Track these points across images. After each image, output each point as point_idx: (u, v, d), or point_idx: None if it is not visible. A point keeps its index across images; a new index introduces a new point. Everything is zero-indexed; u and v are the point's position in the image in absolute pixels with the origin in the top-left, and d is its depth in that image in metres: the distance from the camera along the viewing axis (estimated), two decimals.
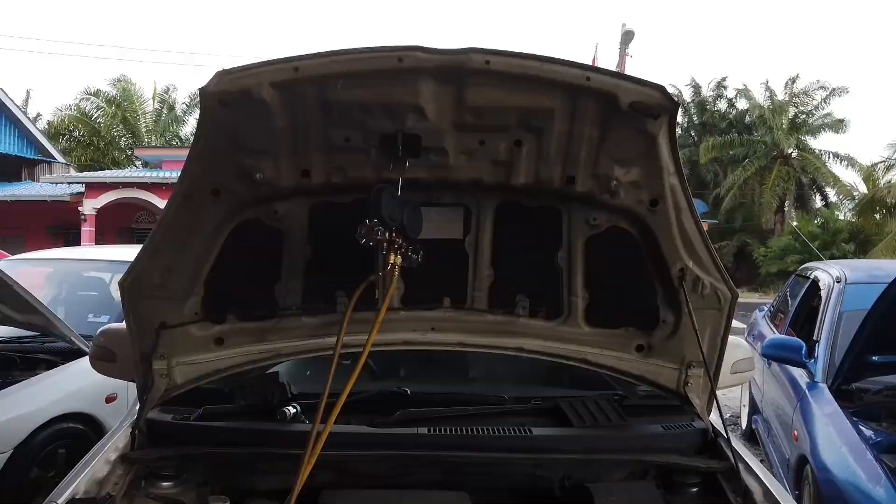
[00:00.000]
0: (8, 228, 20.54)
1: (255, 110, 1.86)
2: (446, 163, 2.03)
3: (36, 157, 26.03)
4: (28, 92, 37.74)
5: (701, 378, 2.35)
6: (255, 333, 2.32)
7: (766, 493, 2.06)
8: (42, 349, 5.00)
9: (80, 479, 2.01)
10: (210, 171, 2.01)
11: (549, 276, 2.32)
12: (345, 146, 1.97)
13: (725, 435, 2.26)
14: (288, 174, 2.03)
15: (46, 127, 32.85)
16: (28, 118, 27.15)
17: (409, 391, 2.46)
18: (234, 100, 1.83)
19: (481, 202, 2.22)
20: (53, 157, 26.72)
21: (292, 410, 2.31)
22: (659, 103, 1.89)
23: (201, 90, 1.82)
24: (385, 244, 1.94)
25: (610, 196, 2.10)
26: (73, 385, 4.57)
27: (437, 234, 2.26)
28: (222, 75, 1.80)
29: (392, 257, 1.97)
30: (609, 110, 1.91)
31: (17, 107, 25.71)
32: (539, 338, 2.36)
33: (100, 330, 2.94)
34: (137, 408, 2.34)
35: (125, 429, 2.31)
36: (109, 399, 4.61)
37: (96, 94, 32.57)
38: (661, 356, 2.35)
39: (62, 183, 22.91)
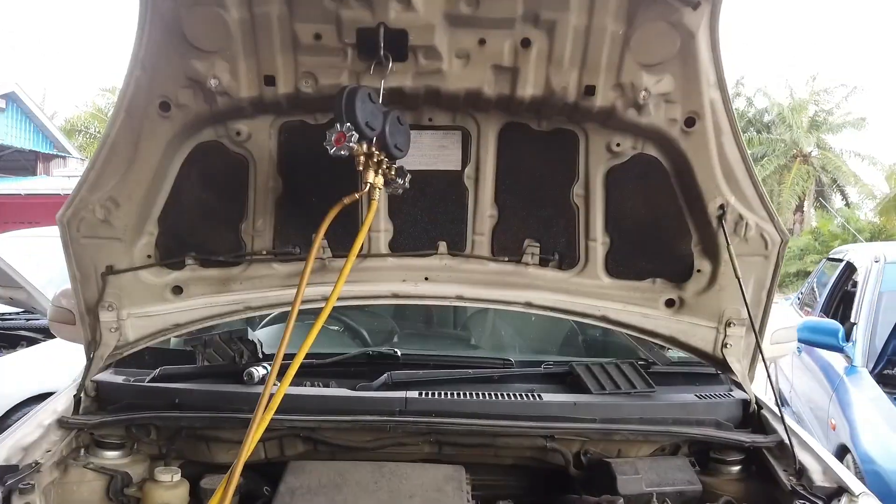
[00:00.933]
0: (23, 223, 20.43)
1: None
2: (438, 68, 1.69)
3: (51, 153, 26.05)
4: (45, 89, 37.96)
5: (742, 339, 1.99)
6: (220, 282, 1.99)
7: (826, 469, 1.70)
8: (24, 326, 4.76)
9: (2, 444, 1.68)
10: (155, 78, 1.68)
11: (562, 216, 1.97)
12: (315, 45, 1.64)
13: (777, 406, 1.89)
14: (248, 81, 1.70)
15: (63, 124, 32.94)
16: (44, 114, 27.18)
17: (398, 352, 2.12)
18: None
19: (482, 124, 1.88)
20: (68, 153, 26.73)
21: (262, 372, 1.98)
22: None
23: None
24: (362, 158, 1.60)
25: (637, 112, 1.75)
26: (53, 363, 4.27)
27: (431, 164, 1.92)
28: None
29: (370, 176, 1.63)
30: None
31: (34, 103, 25.74)
32: (551, 291, 2.01)
33: (61, 289, 2.64)
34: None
35: (68, 391, 1.99)
36: None
37: (112, 90, 32.63)
38: (695, 313, 1.99)
39: (75, 177, 22.85)
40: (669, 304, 2.01)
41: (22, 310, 4.83)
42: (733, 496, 1.77)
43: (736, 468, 1.87)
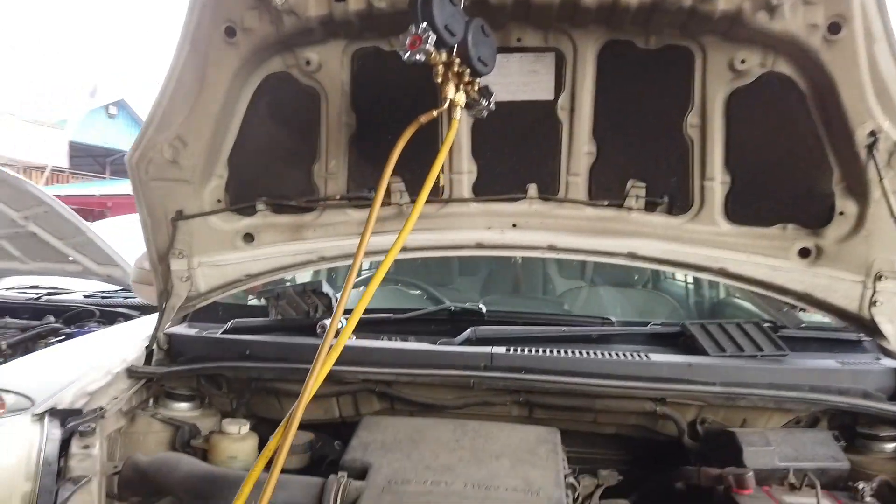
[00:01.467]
0: None
1: None
2: None
3: None
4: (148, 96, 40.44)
5: None
6: (292, 229, 1.85)
7: None
8: (122, 304, 4.89)
9: (68, 388, 1.61)
10: (219, 0, 1.56)
11: (673, 151, 1.71)
12: None
13: None
14: None
15: None
16: None
17: (483, 308, 1.91)
18: None
19: (579, 44, 1.64)
20: None
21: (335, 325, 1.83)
22: None
23: None
24: (440, 68, 1.40)
25: (769, 16, 1.47)
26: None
27: (519, 93, 1.71)
28: None
29: (450, 91, 1.43)
30: None
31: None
32: (659, 239, 1.75)
33: (143, 252, 2.62)
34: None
35: (140, 343, 1.92)
36: None
37: None
38: (835, 264, 1.67)
39: None
40: (804, 253, 1.70)
41: (120, 287, 5.00)
42: (891, 477, 1.45)
43: (891, 445, 1.54)
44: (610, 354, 1.68)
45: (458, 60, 1.40)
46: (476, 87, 1.48)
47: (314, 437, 1.66)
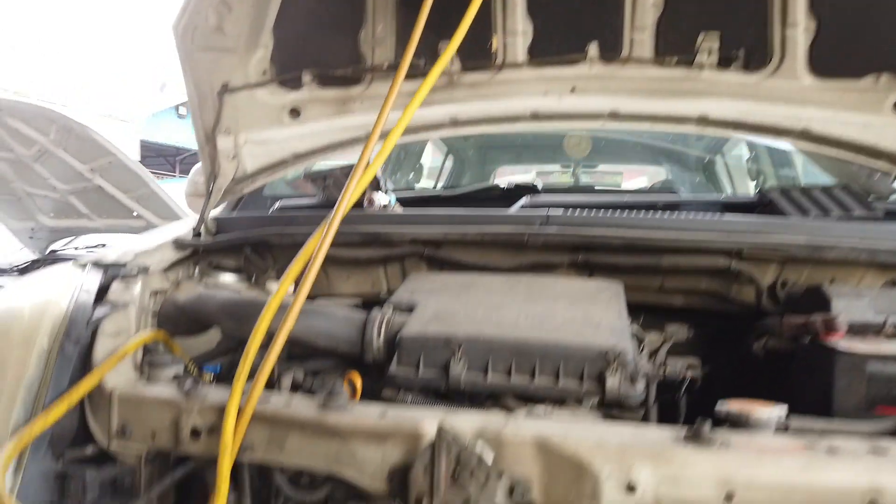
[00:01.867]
0: None
1: None
2: None
3: None
4: None
5: None
6: (339, 103, 1.79)
7: None
8: None
9: (113, 250, 1.59)
10: None
11: None
12: None
13: None
14: None
15: None
16: None
17: (539, 184, 1.80)
18: None
19: None
20: None
21: (384, 200, 1.75)
22: None
23: None
24: None
25: None
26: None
27: None
28: None
29: None
30: None
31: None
32: (734, 98, 1.59)
33: (197, 166, 2.63)
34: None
35: (188, 223, 1.89)
36: None
37: None
38: None
39: None
40: None
41: None
42: None
43: None
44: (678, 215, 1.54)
45: None
46: None
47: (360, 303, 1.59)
